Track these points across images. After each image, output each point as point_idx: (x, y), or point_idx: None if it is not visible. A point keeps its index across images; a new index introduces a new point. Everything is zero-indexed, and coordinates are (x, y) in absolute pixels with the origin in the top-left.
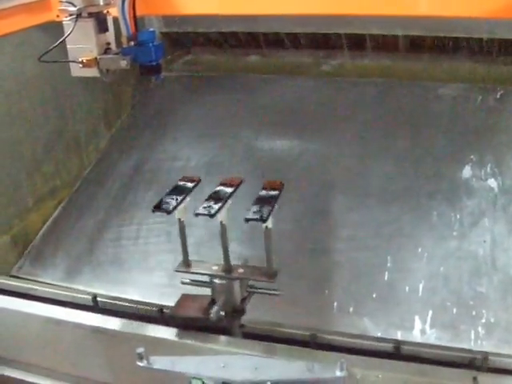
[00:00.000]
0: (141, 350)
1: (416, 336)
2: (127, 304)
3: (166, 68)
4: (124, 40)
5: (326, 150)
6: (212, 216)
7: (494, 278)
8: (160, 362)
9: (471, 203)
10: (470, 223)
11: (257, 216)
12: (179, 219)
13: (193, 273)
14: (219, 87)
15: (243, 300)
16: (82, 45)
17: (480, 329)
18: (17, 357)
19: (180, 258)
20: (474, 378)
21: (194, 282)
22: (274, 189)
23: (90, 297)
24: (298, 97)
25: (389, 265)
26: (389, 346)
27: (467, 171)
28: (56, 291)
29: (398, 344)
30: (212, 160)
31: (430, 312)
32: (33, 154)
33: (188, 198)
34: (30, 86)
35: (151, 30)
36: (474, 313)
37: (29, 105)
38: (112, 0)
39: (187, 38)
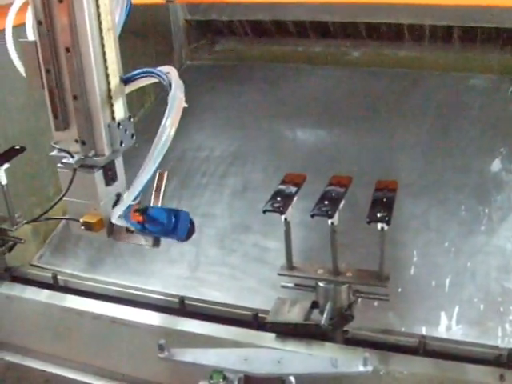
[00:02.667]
0: (162, 341)
1: (441, 332)
2: (149, 295)
3: (190, 57)
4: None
5: (353, 141)
6: (330, 217)
7: None
8: (181, 354)
9: (500, 197)
10: (498, 218)
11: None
12: (285, 219)
13: (297, 277)
14: (245, 77)
15: (350, 305)
16: (82, 200)
17: (507, 326)
18: (36, 347)
19: (202, 250)
20: (501, 376)
21: (297, 286)
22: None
23: (110, 287)
24: (325, 87)
25: (415, 259)
26: (414, 342)
27: (497, 164)
28: (77, 281)
29: (423, 339)
30: (237, 150)
31: (457, 308)
32: None
33: (296, 198)
34: None
35: (158, 208)
36: (501, 309)
37: None
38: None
39: (212, 25)
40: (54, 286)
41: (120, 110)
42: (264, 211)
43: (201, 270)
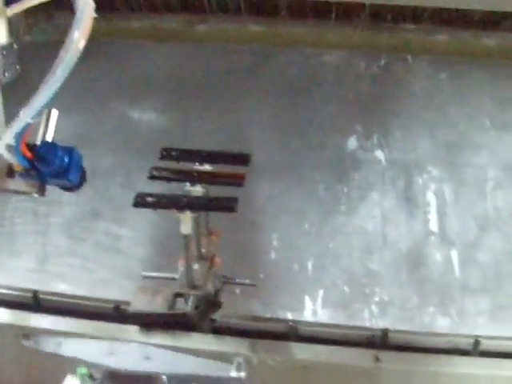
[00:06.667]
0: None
1: (307, 317)
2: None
3: (28, 32)
4: (18, 169)
5: (201, 120)
6: None
7: (386, 254)
8: (46, 343)
9: (358, 176)
10: (358, 197)
11: None
12: None
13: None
14: (85, 55)
15: (216, 292)
16: None
17: (374, 307)
18: None
19: (49, 240)
20: (376, 357)
21: (159, 275)
22: None
23: None
24: (171, 64)
25: (275, 243)
26: (284, 327)
27: (352, 142)
28: None
29: (294, 325)
30: (82, 134)
31: (321, 291)
32: None
33: None
34: None
35: (50, 145)
36: (366, 291)
37: None
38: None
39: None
40: None
41: (2, 35)
42: None
43: (49, 262)
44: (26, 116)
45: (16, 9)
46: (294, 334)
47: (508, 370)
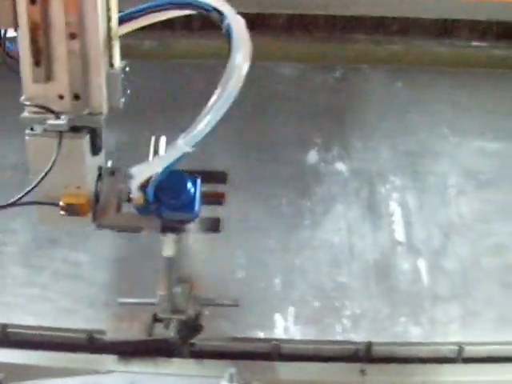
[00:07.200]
0: (1, 375)
1: (279, 335)
2: None
3: None
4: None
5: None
6: None
7: (354, 267)
8: None
9: (321, 189)
10: (322, 211)
11: None
12: None
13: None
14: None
15: (197, 316)
16: (61, 176)
17: (345, 321)
18: None
19: (5, 270)
20: (362, 371)
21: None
22: None
23: None
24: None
25: (239, 260)
26: (268, 346)
27: (313, 155)
28: None
29: (277, 344)
30: None
31: (291, 308)
32: None
33: None
34: None
35: (177, 174)
36: (337, 304)
37: None
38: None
39: None
40: None
41: (118, 56)
42: None
43: (8, 293)
44: (187, 144)
45: (126, 29)
46: (276, 352)
47: (492, 374)
